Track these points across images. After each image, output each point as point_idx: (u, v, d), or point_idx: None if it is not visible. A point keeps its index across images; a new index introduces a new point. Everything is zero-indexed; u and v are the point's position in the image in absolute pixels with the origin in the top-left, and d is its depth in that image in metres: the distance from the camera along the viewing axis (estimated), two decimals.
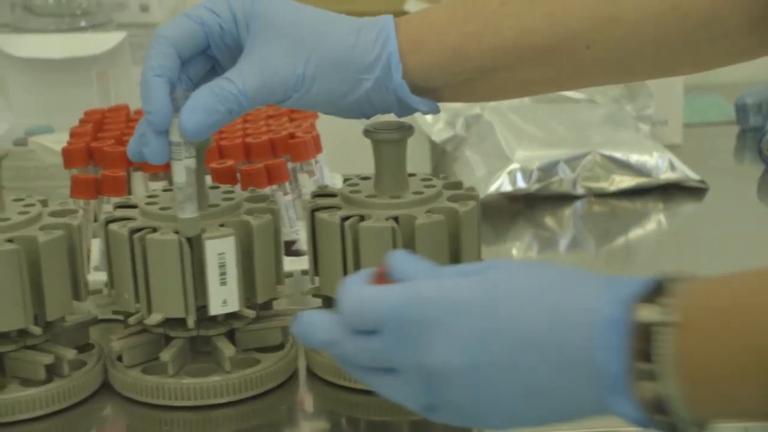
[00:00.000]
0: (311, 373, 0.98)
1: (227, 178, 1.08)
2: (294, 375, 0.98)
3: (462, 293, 0.70)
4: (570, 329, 0.67)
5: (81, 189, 1.10)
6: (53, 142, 1.31)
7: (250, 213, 0.96)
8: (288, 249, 1.12)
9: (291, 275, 1.02)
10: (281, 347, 0.98)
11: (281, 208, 1.05)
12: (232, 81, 0.88)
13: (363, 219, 0.93)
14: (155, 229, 0.93)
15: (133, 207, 0.98)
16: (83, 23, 1.63)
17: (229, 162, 1.10)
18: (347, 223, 0.92)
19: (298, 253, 1.13)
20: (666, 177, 1.39)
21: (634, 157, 1.39)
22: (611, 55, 0.91)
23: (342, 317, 0.73)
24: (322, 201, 0.96)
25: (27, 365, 0.94)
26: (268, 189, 1.11)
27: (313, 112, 1.21)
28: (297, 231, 1.13)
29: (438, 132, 1.48)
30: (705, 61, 0.94)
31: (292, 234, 1.13)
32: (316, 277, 0.97)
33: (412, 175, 0.97)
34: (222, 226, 0.93)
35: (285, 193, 1.12)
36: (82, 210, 1.02)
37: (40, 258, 0.92)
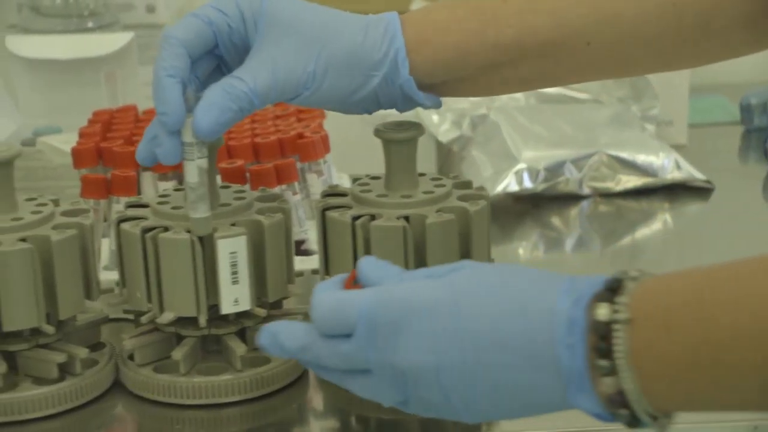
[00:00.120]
0: None
1: (237, 177, 1.08)
2: (304, 374, 0.98)
3: (429, 295, 0.73)
4: (533, 329, 0.69)
5: (91, 189, 1.10)
6: (61, 142, 1.31)
7: (261, 212, 0.96)
8: (297, 248, 1.12)
9: (301, 274, 1.02)
10: None
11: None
12: (242, 80, 0.88)
13: (374, 218, 0.93)
14: (167, 229, 0.93)
15: (145, 206, 0.98)
16: (90, 24, 1.63)
17: (239, 162, 1.10)
18: (358, 222, 0.93)
19: (307, 253, 1.13)
20: (672, 177, 1.40)
21: (640, 158, 1.39)
22: (611, 52, 0.92)
23: (310, 324, 0.76)
24: (332, 200, 0.96)
25: (40, 364, 0.94)
26: (277, 189, 1.11)
27: (321, 111, 1.22)
28: (306, 230, 1.14)
29: (444, 132, 1.48)
30: (702, 56, 0.95)
31: (301, 233, 1.13)
32: (326, 276, 0.97)
33: (422, 175, 0.97)
34: (233, 225, 0.93)
35: (294, 193, 1.12)
36: (92, 210, 1.02)
37: (52, 257, 0.92)
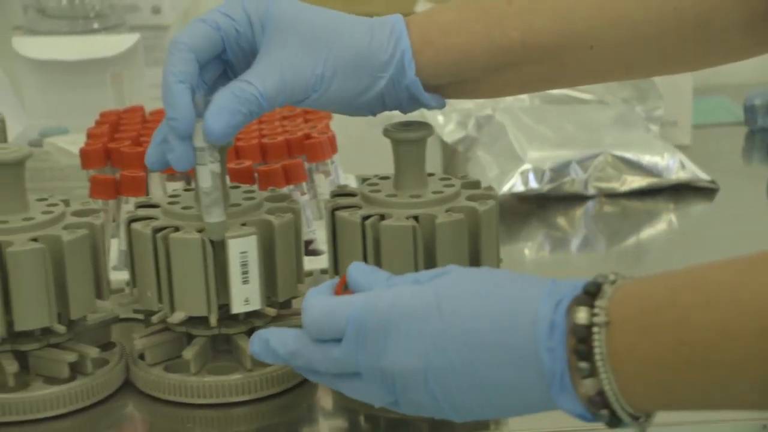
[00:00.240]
0: None
1: (245, 178, 1.08)
2: None
3: (416, 300, 0.75)
4: (517, 332, 0.71)
5: (100, 189, 1.10)
6: (68, 143, 1.31)
7: (271, 212, 0.96)
8: (305, 248, 1.12)
9: (311, 274, 1.02)
10: None
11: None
12: (251, 83, 0.88)
13: (383, 218, 0.93)
14: (178, 228, 0.94)
15: (155, 206, 0.98)
16: (96, 25, 1.63)
17: (247, 162, 1.10)
18: (368, 222, 0.93)
19: (315, 253, 1.14)
20: (677, 177, 1.40)
21: (645, 158, 1.40)
22: (613, 55, 0.93)
23: (300, 330, 0.78)
24: (342, 200, 0.97)
25: (51, 363, 0.95)
26: (285, 189, 1.11)
27: (327, 112, 1.22)
28: (314, 230, 1.14)
29: (449, 133, 1.49)
30: (703, 60, 0.95)
31: (309, 233, 1.14)
32: (336, 276, 0.97)
33: (430, 175, 0.98)
34: (244, 225, 0.94)
35: (302, 193, 1.12)
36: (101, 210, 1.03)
37: (64, 257, 0.92)
